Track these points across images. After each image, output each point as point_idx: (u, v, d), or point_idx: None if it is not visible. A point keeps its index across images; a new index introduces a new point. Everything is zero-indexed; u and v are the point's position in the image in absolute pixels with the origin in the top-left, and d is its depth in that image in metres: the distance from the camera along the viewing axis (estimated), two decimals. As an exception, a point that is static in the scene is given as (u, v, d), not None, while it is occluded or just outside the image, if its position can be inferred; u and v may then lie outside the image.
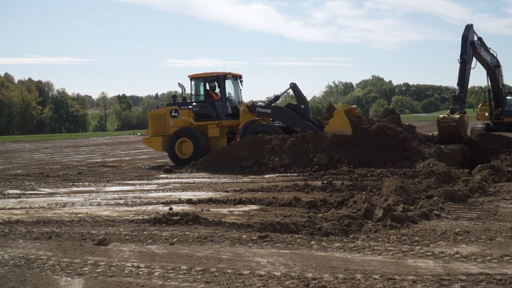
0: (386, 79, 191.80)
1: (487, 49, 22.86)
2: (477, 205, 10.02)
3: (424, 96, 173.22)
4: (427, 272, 5.94)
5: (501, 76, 25.50)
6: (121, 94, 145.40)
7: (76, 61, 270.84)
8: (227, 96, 20.96)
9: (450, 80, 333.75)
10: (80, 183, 15.29)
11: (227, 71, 20.98)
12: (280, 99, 21.02)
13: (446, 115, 18.29)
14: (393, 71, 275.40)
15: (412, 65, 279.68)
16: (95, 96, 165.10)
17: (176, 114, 21.07)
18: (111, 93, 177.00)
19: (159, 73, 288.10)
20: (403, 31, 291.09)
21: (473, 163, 17.10)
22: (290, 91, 21.43)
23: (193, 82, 21.06)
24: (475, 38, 21.73)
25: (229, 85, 21.32)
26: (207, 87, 21.05)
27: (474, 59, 21.74)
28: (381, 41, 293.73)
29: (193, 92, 21.16)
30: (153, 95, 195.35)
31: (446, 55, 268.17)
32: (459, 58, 20.65)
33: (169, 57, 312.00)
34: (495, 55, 23.85)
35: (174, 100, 22.13)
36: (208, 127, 20.61)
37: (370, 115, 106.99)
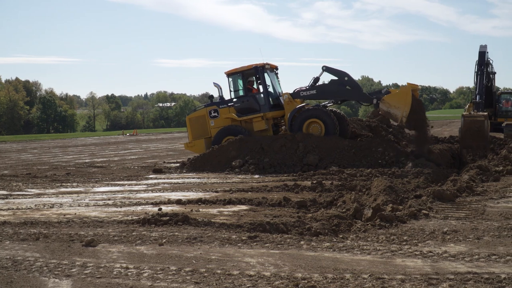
0: (376, 80, 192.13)
1: (488, 60, 23.54)
2: (465, 205, 10.08)
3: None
4: (416, 271, 5.97)
5: (494, 79, 26.39)
6: (110, 94, 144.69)
7: (65, 61, 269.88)
8: (267, 87, 20.18)
9: (439, 80, 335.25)
10: (68, 184, 15.20)
11: (264, 62, 20.27)
12: (319, 81, 19.96)
13: (472, 112, 18.03)
14: (382, 71, 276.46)
15: (401, 65, 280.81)
16: (83, 96, 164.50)
17: (216, 114, 20.44)
18: (99, 93, 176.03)
19: (148, 73, 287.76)
20: (391, 31, 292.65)
21: (461, 163, 17.20)
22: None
23: (230, 79, 20.40)
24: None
25: (267, 76, 20.40)
26: (244, 83, 20.39)
27: None
28: (369, 41, 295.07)
29: (231, 88, 20.45)
30: (142, 95, 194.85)
31: (434, 55, 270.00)
32: (477, 71, 21.34)
33: (158, 57, 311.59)
34: (492, 63, 24.52)
35: (211, 101, 21.36)
36: (253, 121, 19.91)
37: (360, 115, 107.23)
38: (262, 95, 19.92)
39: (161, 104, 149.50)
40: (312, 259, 6.59)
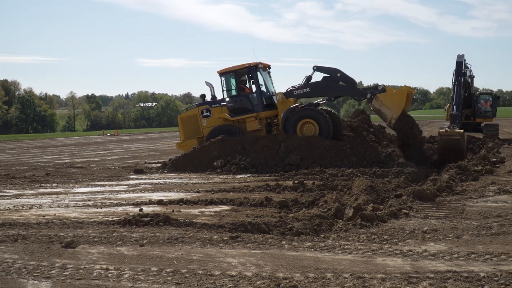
0: (357, 80, 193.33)
1: (466, 66, 23.72)
2: (444, 204, 10.18)
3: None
4: (396, 270, 6.01)
5: (473, 82, 26.78)
6: (90, 94, 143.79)
7: (44, 60, 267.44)
8: (260, 86, 20.06)
9: (419, 81, 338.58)
10: (48, 185, 15.04)
11: (257, 61, 20.15)
12: (312, 80, 19.83)
13: (448, 129, 17.96)
14: (363, 72, 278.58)
15: (382, 66, 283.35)
16: (63, 95, 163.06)
17: (208, 113, 20.29)
18: (80, 93, 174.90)
19: (129, 72, 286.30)
20: (373, 32, 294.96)
21: (441, 163, 17.35)
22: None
23: (223, 78, 20.21)
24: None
25: (260, 76, 20.26)
26: (237, 82, 20.27)
27: None
28: (351, 42, 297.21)
29: (224, 88, 20.26)
30: (123, 95, 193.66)
31: (415, 56, 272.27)
32: (454, 81, 21.34)
33: (139, 57, 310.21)
34: (470, 67, 24.77)
35: (204, 100, 21.18)
36: (246, 121, 19.79)
37: (341, 115, 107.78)
38: (255, 95, 19.82)
39: (142, 104, 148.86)
40: (293, 259, 6.60)
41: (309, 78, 19.53)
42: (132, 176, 16.71)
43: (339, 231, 8.16)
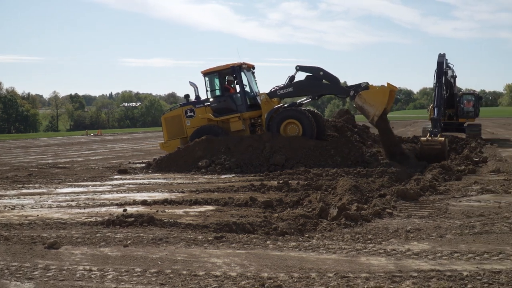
0: (341, 80, 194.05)
1: (448, 66, 23.74)
2: (428, 203, 10.26)
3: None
4: (380, 269, 6.04)
5: (455, 83, 26.95)
6: (73, 94, 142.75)
7: (27, 60, 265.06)
8: (244, 87, 20.05)
9: (403, 81, 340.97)
10: (30, 185, 14.90)
11: (241, 61, 20.10)
12: (295, 79, 19.83)
13: (430, 138, 18.10)
14: (348, 72, 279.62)
15: (366, 66, 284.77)
16: (46, 95, 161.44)
17: (192, 113, 20.23)
18: (63, 92, 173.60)
19: (113, 72, 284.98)
20: (357, 32, 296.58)
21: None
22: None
23: (206, 78, 20.18)
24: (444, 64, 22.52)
25: (244, 76, 20.26)
26: (221, 82, 20.28)
27: None
28: (335, 42, 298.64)
29: (208, 88, 20.24)
30: (107, 95, 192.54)
31: (398, 56, 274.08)
32: (435, 82, 21.00)
33: (123, 56, 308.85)
34: (452, 67, 24.86)
35: (188, 100, 21.16)
36: (230, 121, 19.76)
37: (326, 115, 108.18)
38: (239, 95, 19.82)
39: (126, 104, 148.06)
40: (278, 259, 6.61)
41: (292, 78, 19.54)
42: (116, 177, 16.61)
43: (324, 230, 8.19)
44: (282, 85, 19.58)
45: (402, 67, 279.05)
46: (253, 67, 21.27)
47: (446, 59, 22.38)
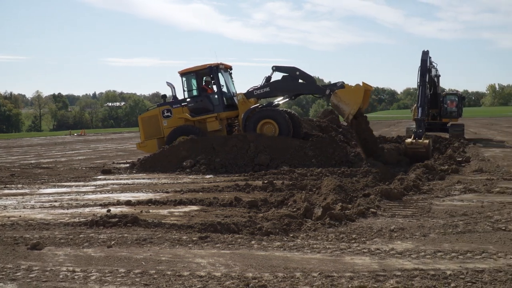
0: (326, 80, 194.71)
1: (432, 64, 23.78)
2: (411, 203, 10.33)
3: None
4: (364, 269, 6.07)
5: (439, 82, 27.06)
6: (56, 93, 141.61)
7: (9, 59, 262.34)
8: (221, 87, 20.12)
9: (386, 81, 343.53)
10: (13, 186, 14.74)
11: (219, 62, 20.17)
12: (271, 80, 19.89)
13: (414, 141, 18.24)
14: (332, 72, 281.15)
15: (350, 66, 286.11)
16: (29, 95, 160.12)
17: (169, 114, 20.31)
18: (46, 92, 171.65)
19: (97, 71, 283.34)
20: (341, 32, 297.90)
21: (408, 162, 17.59)
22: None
23: (184, 78, 20.21)
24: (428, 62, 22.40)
25: (221, 77, 20.34)
26: (198, 82, 20.22)
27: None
28: (319, 42, 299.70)
29: (185, 88, 20.27)
30: (91, 94, 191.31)
31: (382, 57, 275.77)
32: (419, 81, 20.95)
33: (106, 56, 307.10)
34: (436, 66, 24.92)
35: (165, 100, 21.19)
36: (207, 121, 19.85)
37: (310, 115, 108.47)
38: (216, 95, 19.86)
39: (110, 104, 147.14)
40: (263, 259, 6.61)
41: (268, 78, 19.75)
42: (99, 177, 16.49)
43: (308, 230, 8.21)
44: (259, 86, 19.74)
45: (386, 68, 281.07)
46: (231, 68, 21.39)
47: (430, 57, 22.38)
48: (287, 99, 20.29)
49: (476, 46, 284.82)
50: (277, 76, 19.65)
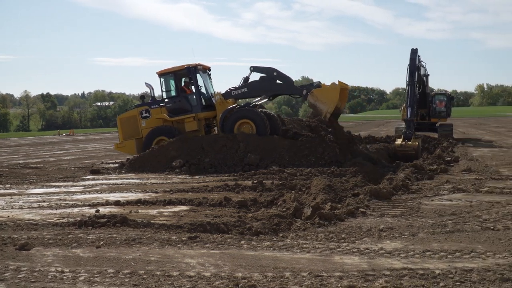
0: (315, 80, 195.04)
1: (420, 63, 23.79)
2: (400, 202, 10.37)
3: (351, 97, 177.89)
4: (353, 268, 6.08)
5: (428, 81, 27.12)
6: (45, 93, 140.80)
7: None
8: (199, 88, 20.28)
9: (376, 81, 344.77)
10: (1, 186, 14.63)
11: (197, 63, 20.29)
12: (249, 80, 20.11)
13: (403, 143, 18.30)
14: (321, 72, 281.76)
15: (339, 66, 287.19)
16: (17, 94, 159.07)
17: (147, 114, 20.39)
18: (34, 92, 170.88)
19: (85, 71, 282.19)
20: (330, 33, 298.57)
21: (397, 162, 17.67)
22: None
23: (162, 79, 20.31)
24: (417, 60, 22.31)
25: (200, 77, 20.56)
26: (177, 83, 20.40)
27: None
28: (308, 42, 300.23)
29: (163, 89, 20.38)
30: (79, 94, 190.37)
31: (371, 57, 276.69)
32: (408, 80, 20.87)
33: (95, 55, 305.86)
34: (425, 66, 24.98)
35: (143, 101, 21.39)
36: (185, 121, 19.97)
37: (300, 115, 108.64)
38: (194, 96, 20.06)
39: (99, 104, 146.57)
40: (252, 259, 6.60)
41: (246, 78, 19.97)
42: (88, 177, 16.41)
43: (298, 230, 8.21)
44: (237, 86, 19.96)
45: (375, 68, 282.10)
46: (209, 69, 21.54)
47: (419, 56, 22.36)
48: (265, 100, 20.57)
49: (465, 46, 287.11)
50: (255, 76, 19.91)
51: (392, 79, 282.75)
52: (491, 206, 9.65)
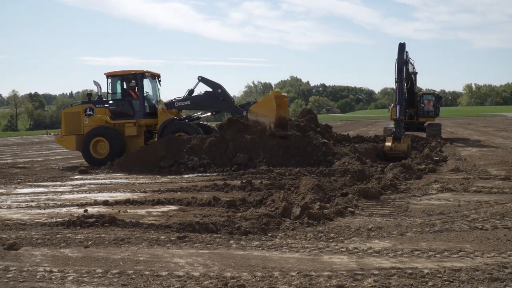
0: (304, 80, 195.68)
1: (408, 59, 23.68)
2: (389, 202, 10.41)
3: (340, 97, 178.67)
4: (342, 268, 6.10)
5: (416, 80, 27.13)
6: (33, 92, 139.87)
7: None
8: (145, 94, 20.67)
9: (364, 81, 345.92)
10: (-12, 185, 14.52)
11: (145, 70, 20.69)
12: (194, 93, 20.78)
13: (393, 146, 18.29)
14: (310, 72, 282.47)
15: (328, 66, 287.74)
16: (5, 94, 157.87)
17: (91, 112, 20.56)
18: (22, 91, 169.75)
19: (74, 71, 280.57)
20: (318, 32, 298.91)
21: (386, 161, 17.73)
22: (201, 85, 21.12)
23: (109, 80, 20.56)
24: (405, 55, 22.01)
25: (147, 84, 21.01)
26: (125, 86, 20.70)
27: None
28: (297, 42, 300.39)
29: (109, 90, 20.64)
30: (68, 94, 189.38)
31: (360, 57, 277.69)
32: (396, 78, 20.55)
33: (83, 55, 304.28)
34: (413, 63, 24.96)
35: (89, 99, 21.62)
36: (125, 126, 20.27)
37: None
38: (138, 102, 20.39)
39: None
40: (241, 258, 6.61)
41: (191, 91, 20.73)
42: (76, 177, 16.34)
43: (287, 229, 8.22)
44: (182, 97, 20.62)
45: (363, 68, 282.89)
46: (159, 76, 21.89)
47: (407, 52, 22.11)
48: (208, 114, 21.49)
49: (453, 46, 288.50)
50: (202, 87, 20.62)
51: (380, 78, 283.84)
52: (480, 205, 9.71)
